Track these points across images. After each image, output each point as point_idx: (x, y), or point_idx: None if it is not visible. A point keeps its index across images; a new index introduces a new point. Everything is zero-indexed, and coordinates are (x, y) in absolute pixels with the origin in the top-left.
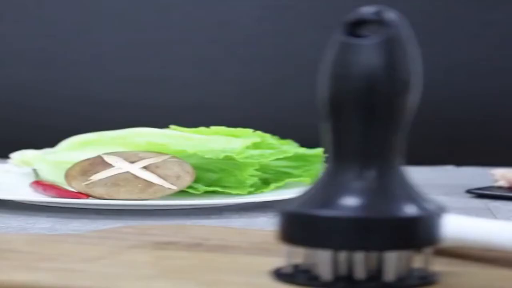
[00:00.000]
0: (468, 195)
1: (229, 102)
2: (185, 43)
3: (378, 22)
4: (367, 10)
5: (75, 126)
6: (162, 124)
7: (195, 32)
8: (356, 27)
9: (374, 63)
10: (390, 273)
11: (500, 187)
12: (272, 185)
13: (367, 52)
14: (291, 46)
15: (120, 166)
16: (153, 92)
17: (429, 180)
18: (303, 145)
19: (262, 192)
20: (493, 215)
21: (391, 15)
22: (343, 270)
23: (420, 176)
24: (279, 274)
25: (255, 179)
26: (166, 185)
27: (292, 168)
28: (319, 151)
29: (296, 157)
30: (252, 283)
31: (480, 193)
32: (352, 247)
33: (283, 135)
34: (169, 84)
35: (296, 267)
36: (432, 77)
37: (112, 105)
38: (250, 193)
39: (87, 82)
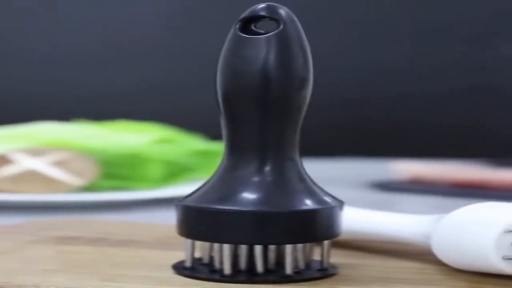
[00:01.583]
0: (371, 188)
1: (137, 96)
2: (95, 40)
3: (270, 18)
4: (260, 7)
5: None
6: (68, 118)
7: (103, 29)
8: (250, 23)
9: (265, 58)
10: (289, 266)
11: (402, 180)
12: (178, 180)
13: (259, 47)
14: (205, 41)
15: (25, 161)
16: (56, 86)
17: (332, 173)
18: (213, 140)
19: (168, 187)
20: (395, 208)
21: (282, 11)
22: (243, 263)
23: (323, 169)
24: (180, 268)
25: (161, 174)
26: (71, 180)
27: (198, 163)
28: None
29: (202, 152)
30: (154, 277)
31: (383, 186)
32: (251, 241)
33: (191, 130)
34: (77, 79)
35: (197, 260)
36: (331, 72)
37: (16, 99)
38: (155, 188)
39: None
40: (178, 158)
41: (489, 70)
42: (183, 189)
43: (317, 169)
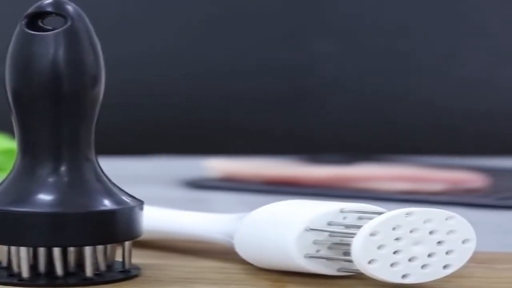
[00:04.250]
0: (183, 186)
1: None
2: None
3: (56, 14)
4: (46, 2)
5: None
6: None
7: None
8: (37, 19)
9: (54, 55)
10: (89, 269)
11: (214, 178)
12: None
13: (47, 44)
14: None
15: None
16: None
17: (144, 172)
18: None
19: None
20: (207, 206)
21: (70, 7)
22: (42, 266)
23: (135, 168)
24: None
25: None
26: None
27: (6, 162)
28: None
29: (9, 151)
30: None
31: (195, 184)
32: (48, 243)
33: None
34: None
35: None
36: (148, 70)
37: None
38: None
39: None
40: None
41: (303, 67)
42: None
43: (129, 168)
